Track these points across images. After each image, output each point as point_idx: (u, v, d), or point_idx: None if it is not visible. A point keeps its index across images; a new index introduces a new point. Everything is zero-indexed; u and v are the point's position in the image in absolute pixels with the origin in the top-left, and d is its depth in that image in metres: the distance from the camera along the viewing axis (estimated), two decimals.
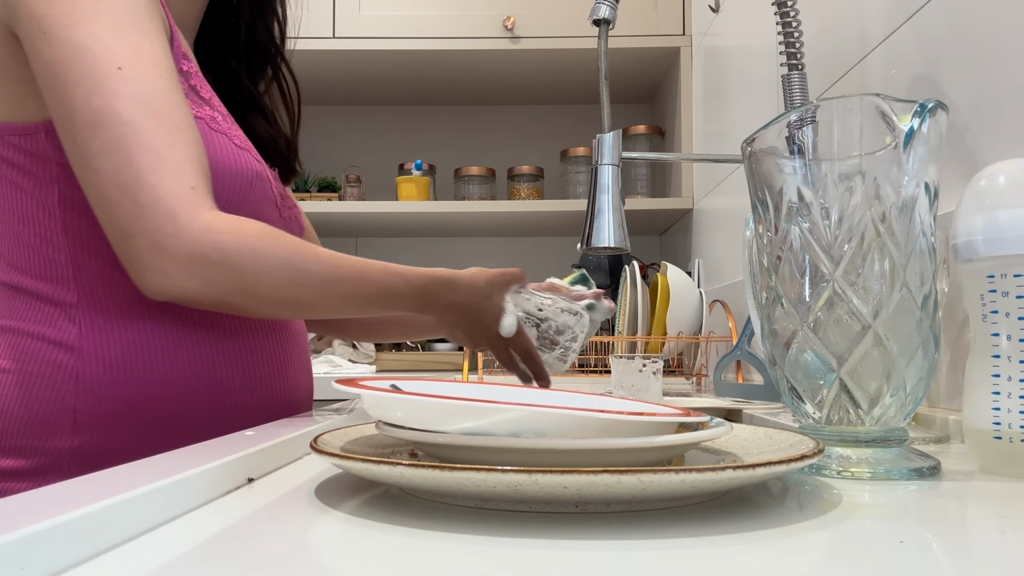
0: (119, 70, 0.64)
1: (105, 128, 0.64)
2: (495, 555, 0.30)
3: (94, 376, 0.71)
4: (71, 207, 0.71)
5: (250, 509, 0.38)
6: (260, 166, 0.79)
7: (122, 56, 0.65)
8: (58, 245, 0.72)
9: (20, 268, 0.73)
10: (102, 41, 0.65)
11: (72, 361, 0.71)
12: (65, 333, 0.71)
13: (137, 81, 0.65)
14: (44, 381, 0.71)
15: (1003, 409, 0.46)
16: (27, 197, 0.72)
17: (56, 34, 0.65)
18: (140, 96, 0.65)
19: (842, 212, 0.47)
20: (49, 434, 0.70)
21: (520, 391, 0.53)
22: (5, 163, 0.72)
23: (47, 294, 0.72)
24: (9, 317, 0.74)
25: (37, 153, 0.71)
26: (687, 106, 2.01)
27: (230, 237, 0.65)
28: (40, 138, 0.71)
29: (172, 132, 0.65)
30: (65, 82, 0.65)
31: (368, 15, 2.04)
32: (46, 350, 0.71)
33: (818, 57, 1.07)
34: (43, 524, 0.27)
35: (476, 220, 2.17)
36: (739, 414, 0.90)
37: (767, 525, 0.34)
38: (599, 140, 0.88)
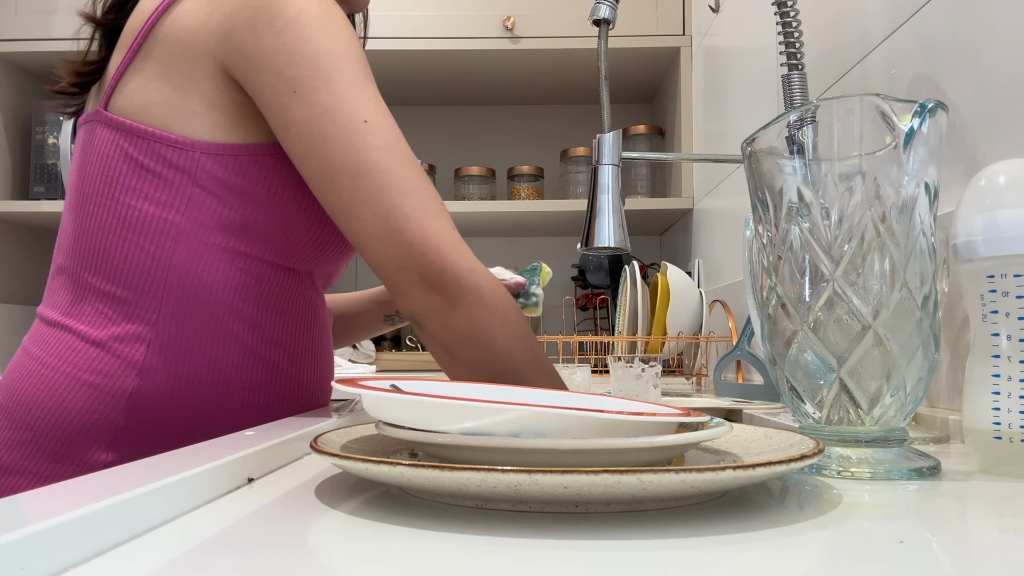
0: (365, 123, 0.69)
1: (366, 179, 0.68)
2: (495, 555, 0.30)
3: (147, 398, 0.71)
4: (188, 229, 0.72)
5: (250, 509, 0.38)
6: None
7: (365, 109, 0.69)
8: (161, 262, 0.72)
9: (106, 272, 0.73)
10: (347, 99, 0.69)
11: (132, 380, 0.71)
12: (134, 350, 0.71)
13: (381, 131, 0.69)
14: (97, 393, 0.70)
15: (1003, 409, 0.46)
16: (149, 207, 0.72)
17: (306, 94, 0.69)
18: (388, 145, 0.69)
19: (842, 212, 0.47)
20: (85, 444, 0.70)
21: (520, 391, 0.53)
22: (137, 168, 0.72)
23: (130, 306, 0.72)
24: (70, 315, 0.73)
25: (182, 168, 0.72)
26: (687, 106, 2.01)
27: (488, 286, 0.69)
28: (194, 156, 0.72)
29: (420, 174, 0.70)
30: (320, 140, 0.69)
31: (368, 15, 2.04)
32: (108, 362, 0.71)
33: (818, 57, 1.07)
34: (43, 524, 0.27)
35: (476, 220, 2.17)
36: (739, 414, 0.90)
37: (767, 525, 0.34)
38: (599, 140, 0.88)
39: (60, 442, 0.70)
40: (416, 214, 0.68)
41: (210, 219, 0.72)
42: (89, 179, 0.74)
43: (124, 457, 0.69)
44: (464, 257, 0.68)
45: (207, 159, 0.72)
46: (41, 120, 2.11)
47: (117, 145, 0.73)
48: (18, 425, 0.71)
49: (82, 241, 0.74)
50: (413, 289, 0.68)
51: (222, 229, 0.73)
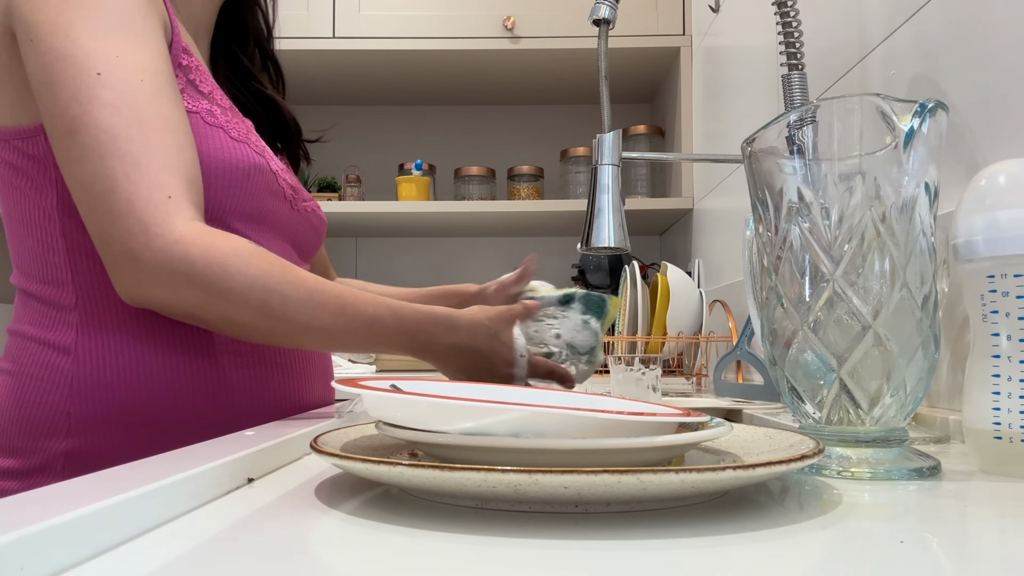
0: (98, 76, 0.64)
1: (81, 134, 0.63)
2: (495, 555, 0.30)
3: (89, 379, 0.71)
4: (69, 211, 0.71)
5: (250, 509, 0.38)
6: (259, 158, 0.78)
7: (104, 61, 0.64)
8: (57, 249, 0.72)
9: (25, 272, 0.75)
10: (84, 47, 0.64)
11: (68, 364, 0.71)
12: (62, 336, 0.71)
13: (116, 86, 0.64)
14: (40, 383, 0.71)
15: (1003, 409, 0.46)
16: (28, 201, 0.72)
17: (41, 41, 0.65)
18: (119, 102, 0.64)
19: (842, 212, 0.47)
20: (43, 435, 0.71)
21: (520, 391, 0.53)
22: (8, 167, 0.73)
23: (47, 297, 0.73)
24: (16, 321, 0.76)
25: (36, 156, 0.71)
26: (687, 106, 2.01)
27: (200, 250, 0.63)
28: (39, 141, 0.71)
29: (150, 137, 0.64)
30: (48, 89, 0.65)
31: (368, 15, 2.04)
32: (43, 353, 0.72)
33: (818, 57, 1.07)
34: (43, 524, 0.27)
35: (476, 220, 2.17)
36: (739, 414, 0.90)
37: (767, 525, 0.34)
38: (599, 140, 0.88)
39: (24, 438, 0.71)
40: (126, 181, 0.62)
41: None
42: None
43: (83, 442, 0.70)
44: (170, 227, 0.62)
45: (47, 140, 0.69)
46: None
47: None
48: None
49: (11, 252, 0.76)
50: (120, 268, 0.64)
51: None
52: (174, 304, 0.65)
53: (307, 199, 0.87)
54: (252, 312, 0.65)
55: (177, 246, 0.63)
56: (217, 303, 0.64)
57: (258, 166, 0.77)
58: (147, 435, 0.71)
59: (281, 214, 0.81)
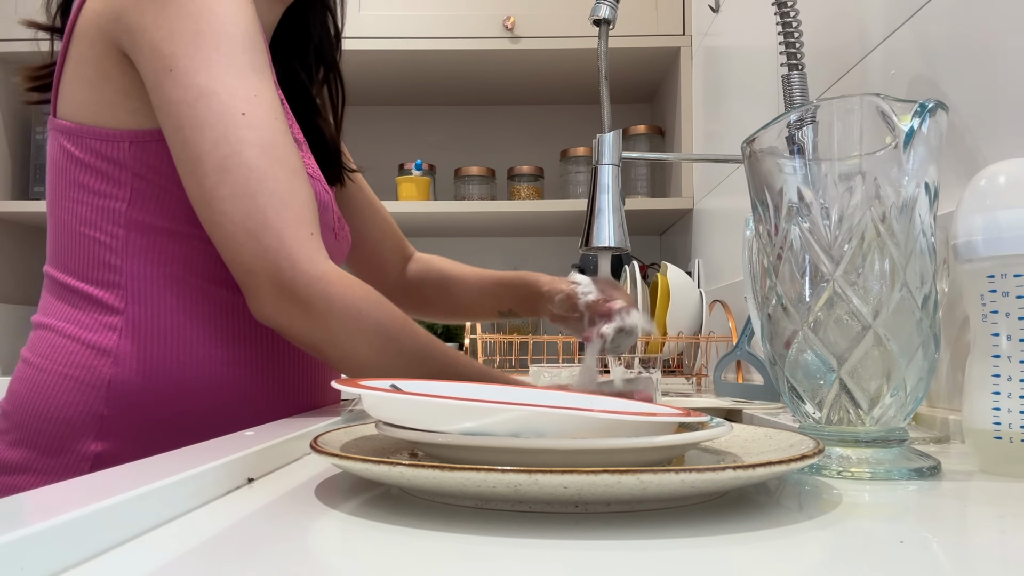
0: (243, 115, 0.67)
1: (232, 174, 0.66)
2: (495, 555, 0.30)
3: (126, 384, 0.72)
4: (136, 217, 0.73)
5: (250, 509, 0.38)
6: (327, 195, 0.80)
7: (245, 100, 0.67)
8: (116, 251, 0.73)
9: (72, 269, 0.74)
10: (227, 85, 0.67)
11: (107, 367, 0.72)
12: (105, 339, 0.72)
13: (259, 126, 0.67)
14: (76, 385, 0.72)
15: (1003, 409, 0.46)
16: (96, 200, 0.73)
17: (182, 74, 0.67)
18: (263, 142, 0.67)
19: (842, 212, 0.47)
20: (74, 436, 0.71)
21: (520, 391, 0.53)
22: (80, 165, 0.73)
23: (96, 298, 0.73)
24: (51, 315, 0.75)
25: (115, 160, 0.72)
26: (687, 106, 2.01)
27: (339, 291, 0.67)
28: (123, 147, 0.72)
29: (291, 177, 0.68)
30: (192, 125, 0.67)
31: (368, 15, 2.04)
32: (84, 354, 0.72)
33: (818, 57, 1.07)
34: (43, 524, 0.27)
35: (476, 220, 2.17)
36: (739, 414, 0.90)
37: (767, 525, 0.34)
38: (599, 140, 0.88)
39: (52, 437, 0.71)
40: (276, 219, 0.66)
41: (151, 203, 0.73)
42: (50, 185, 0.77)
43: (113, 446, 0.71)
44: (316, 265, 0.67)
45: (134, 147, 0.72)
46: (41, 120, 2.11)
47: (62, 148, 0.75)
48: (17, 426, 0.73)
49: (53, 244, 0.77)
50: (263, 294, 0.67)
51: (165, 211, 0.73)
52: (306, 334, 0.69)
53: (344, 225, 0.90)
54: (372, 354, 0.69)
55: (320, 283, 0.67)
56: (345, 341, 0.69)
57: (324, 204, 0.79)
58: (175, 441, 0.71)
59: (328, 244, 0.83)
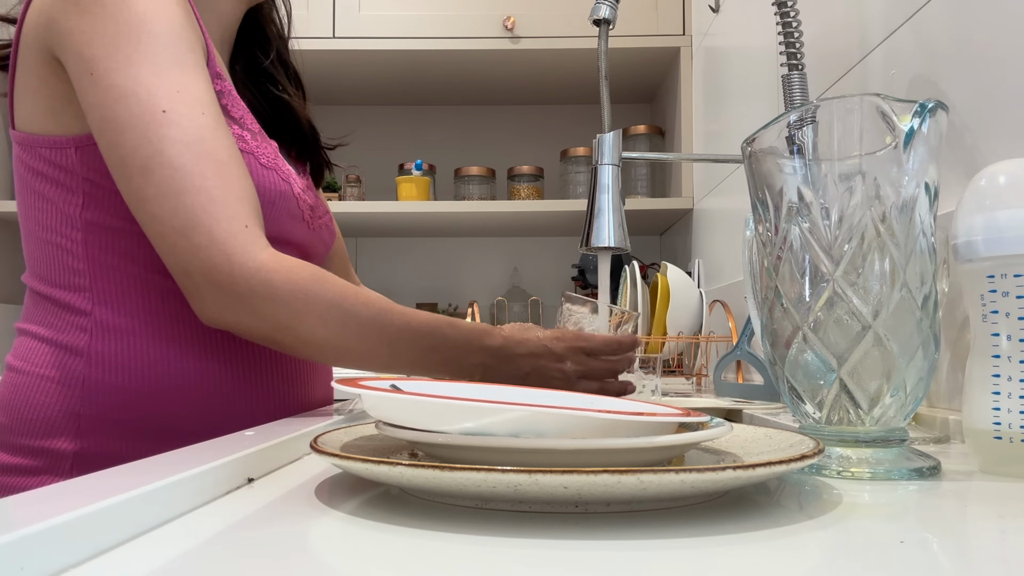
0: (164, 113, 0.66)
1: (156, 174, 0.66)
2: (495, 555, 0.30)
3: (101, 383, 0.72)
4: (92, 219, 0.73)
5: (250, 509, 0.38)
6: (285, 185, 0.80)
7: (166, 98, 0.67)
8: (77, 255, 0.74)
9: (41, 275, 0.76)
10: (145, 84, 0.66)
11: (80, 367, 0.72)
12: (76, 339, 0.73)
13: (182, 123, 0.67)
14: (52, 384, 0.73)
15: (1003, 409, 0.46)
16: (52, 207, 0.74)
17: (102, 77, 0.66)
18: (187, 138, 0.66)
19: (842, 212, 0.47)
20: (52, 436, 0.72)
21: (520, 391, 0.53)
22: (33, 173, 0.74)
23: (63, 301, 0.74)
24: (28, 321, 0.77)
25: (65, 166, 0.73)
26: (687, 106, 2.01)
27: (282, 277, 0.67)
28: (70, 152, 0.72)
29: (221, 170, 0.67)
30: (114, 128, 0.66)
31: (368, 15, 2.04)
32: (56, 355, 0.73)
33: (818, 57, 1.07)
34: (43, 524, 0.27)
35: (476, 220, 2.17)
36: (739, 414, 0.90)
37: (767, 525, 0.34)
38: (599, 140, 0.88)
39: (31, 437, 0.72)
40: (205, 215, 0.65)
41: (104, 204, 0.73)
42: (17, 196, 0.78)
43: (91, 445, 0.71)
44: (252, 256, 0.66)
45: (80, 151, 0.72)
46: None
47: (19, 159, 0.76)
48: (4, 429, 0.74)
49: (26, 254, 0.78)
50: (203, 294, 0.67)
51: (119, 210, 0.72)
52: (257, 327, 0.68)
53: (322, 215, 0.90)
54: (329, 331, 0.68)
55: (260, 273, 0.66)
56: (299, 325, 0.68)
57: (283, 193, 0.79)
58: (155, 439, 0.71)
59: (298, 233, 0.83)
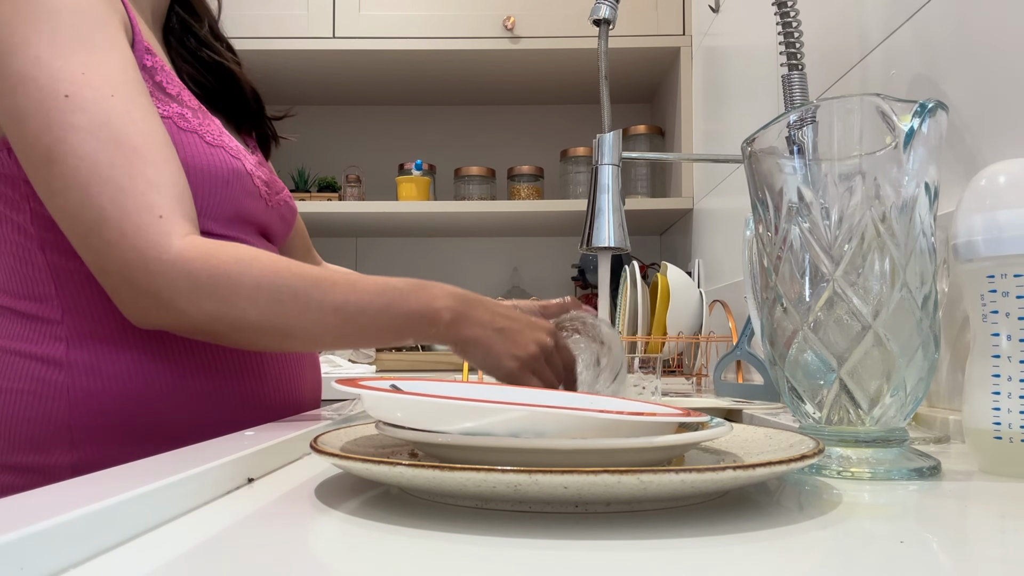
0: (66, 98, 0.61)
1: (59, 165, 0.61)
2: (495, 555, 0.30)
3: (86, 390, 0.69)
4: (45, 225, 0.69)
5: (250, 509, 0.38)
6: (236, 162, 0.76)
7: (69, 81, 0.61)
8: (37, 263, 0.70)
9: (5, 290, 0.72)
10: (46, 67, 0.61)
11: (62, 377, 0.69)
12: (52, 350, 0.69)
13: (87, 108, 0.61)
14: (35, 399, 0.69)
15: (1003, 409, 0.46)
16: (1, 217, 0.70)
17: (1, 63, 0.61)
18: (92, 124, 0.61)
19: (842, 212, 0.47)
20: (47, 450, 0.69)
21: (520, 391, 0.53)
22: None
23: (31, 312, 0.70)
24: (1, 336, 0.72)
25: (4, 173, 0.69)
26: (687, 106, 2.01)
27: (201, 264, 0.62)
28: (2, 156, 0.68)
29: (131, 157, 0.62)
30: (15, 115, 0.62)
31: (368, 15, 2.04)
32: (35, 368, 0.69)
33: (818, 57, 1.07)
34: (43, 524, 0.27)
35: (476, 220, 2.17)
36: (739, 414, 0.90)
37: (767, 525, 0.34)
38: (599, 140, 0.88)
39: (27, 453, 0.69)
40: (114, 208, 0.60)
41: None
42: None
43: (89, 454, 0.69)
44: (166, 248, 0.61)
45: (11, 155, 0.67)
46: None
47: None
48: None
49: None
50: (123, 295, 0.63)
51: None
52: (185, 322, 0.64)
53: (279, 191, 0.85)
54: (263, 311, 0.64)
55: (176, 265, 0.61)
56: (228, 311, 0.63)
57: (236, 171, 0.75)
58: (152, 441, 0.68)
59: (256, 212, 0.79)
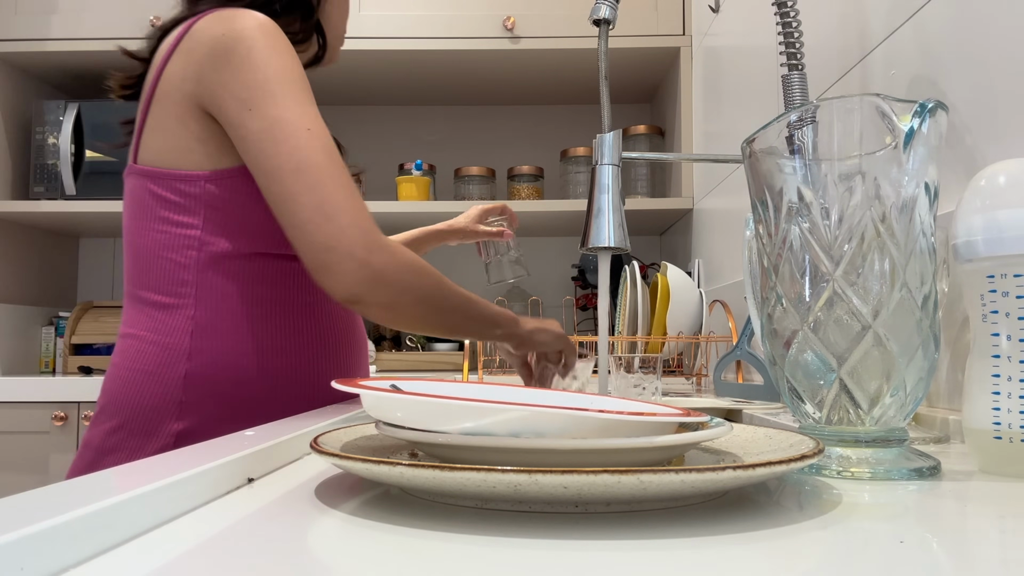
0: (308, 131, 0.85)
1: (306, 173, 0.83)
2: (495, 555, 0.30)
3: (202, 375, 0.89)
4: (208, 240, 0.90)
5: (250, 509, 0.38)
6: None
7: (308, 120, 0.86)
8: (191, 268, 0.90)
9: (151, 286, 0.91)
10: (293, 112, 0.85)
11: (184, 363, 0.89)
12: (181, 341, 0.89)
13: (322, 137, 0.86)
14: (158, 380, 0.89)
15: (1003, 409, 0.46)
16: (174, 229, 0.91)
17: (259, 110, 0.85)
18: (326, 149, 0.85)
19: (842, 212, 0.47)
20: (159, 419, 0.88)
21: (520, 391, 0.53)
22: (162, 201, 0.91)
23: (171, 305, 0.90)
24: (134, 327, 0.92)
25: (192, 195, 0.90)
26: (687, 106, 2.01)
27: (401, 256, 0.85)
28: (199, 184, 0.90)
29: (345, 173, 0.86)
30: (271, 143, 0.84)
31: (368, 15, 2.04)
32: (163, 354, 0.89)
33: (818, 57, 1.07)
34: (43, 524, 0.27)
35: None
36: (739, 414, 0.90)
37: (767, 525, 0.34)
38: (599, 140, 0.88)
39: (143, 422, 0.88)
40: (346, 203, 0.84)
41: (220, 229, 0.90)
42: (131, 218, 0.94)
43: (191, 424, 0.88)
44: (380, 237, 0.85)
45: (209, 184, 0.90)
46: (41, 120, 2.11)
47: (145, 188, 0.92)
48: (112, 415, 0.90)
49: (133, 266, 0.94)
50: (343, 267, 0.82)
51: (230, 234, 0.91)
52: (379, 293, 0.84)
53: None
54: (427, 309, 0.89)
55: (386, 250, 0.84)
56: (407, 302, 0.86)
57: None
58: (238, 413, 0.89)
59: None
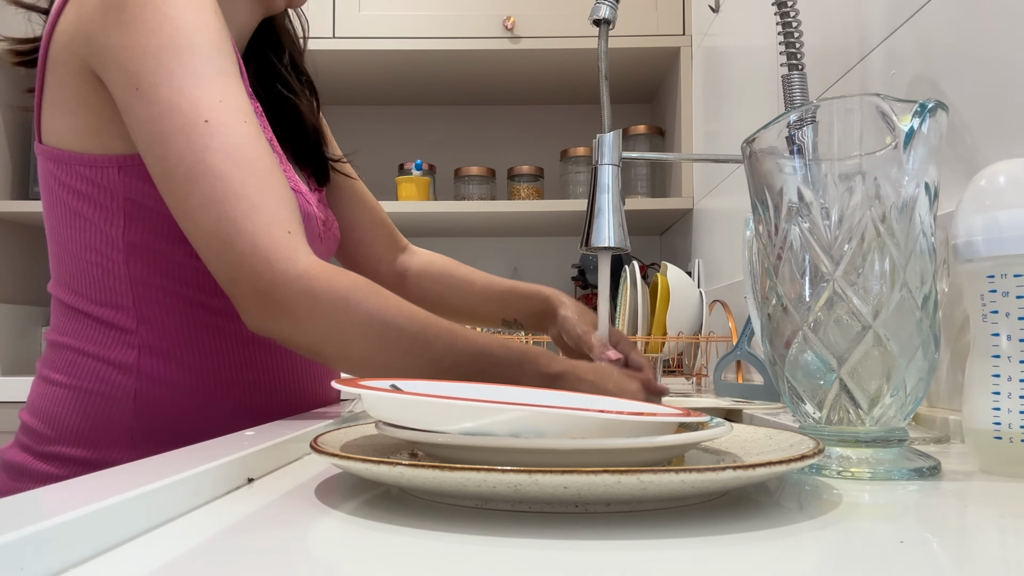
0: (206, 123, 0.66)
1: (199, 183, 0.65)
2: (495, 555, 0.30)
3: (151, 397, 0.74)
4: (134, 240, 0.73)
5: (250, 509, 0.38)
6: (308, 207, 0.81)
7: (208, 108, 0.66)
8: (119, 275, 0.74)
9: (81, 293, 0.76)
10: (189, 96, 0.66)
11: (131, 382, 0.74)
12: (125, 356, 0.74)
13: (224, 132, 0.66)
14: (103, 399, 0.74)
15: (1003, 409, 0.46)
16: (92, 227, 0.74)
17: (147, 91, 0.66)
18: (228, 147, 0.66)
19: (842, 212, 0.47)
20: (107, 447, 0.74)
21: (520, 391, 0.53)
22: (73, 192, 0.74)
23: (107, 319, 0.75)
24: (68, 335, 0.77)
25: (105, 186, 0.73)
26: (687, 106, 2.01)
27: (323, 284, 0.65)
28: (111, 172, 0.72)
29: (262, 178, 0.67)
30: (159, 140, 0.67)
31: (368, 15, 2.04)
32: (106, 371, 0.74)
33: (818, 57, 1.07)
34: (43, 524, 0.27)
35: (476, 220, 2.17)
36: (739, 414, 0.90)
37: (767, 525, 0.34)
38: (599, 140, 0.88)
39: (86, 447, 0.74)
40: (247, 222, 0.65)
41: (144, 225, 0.73)
42: (46, 208, 0.77)
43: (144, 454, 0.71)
44: (294, 263, 0.65)
45: (123, 172, 0.72)
46: None
47: (51, 174, 0.75)
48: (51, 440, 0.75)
49: (56, 266, 0.78)
50: (248, 303, 0.66)
51: (158, 232, 0.74)
52: (298, 337, 0.67)
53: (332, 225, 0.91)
54: (370, 344, 0.66)
55: (302, 280, 0.65)
56: (338, 335, 0.66)
57: (307, 215, 0.80)
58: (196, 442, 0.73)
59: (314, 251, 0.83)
